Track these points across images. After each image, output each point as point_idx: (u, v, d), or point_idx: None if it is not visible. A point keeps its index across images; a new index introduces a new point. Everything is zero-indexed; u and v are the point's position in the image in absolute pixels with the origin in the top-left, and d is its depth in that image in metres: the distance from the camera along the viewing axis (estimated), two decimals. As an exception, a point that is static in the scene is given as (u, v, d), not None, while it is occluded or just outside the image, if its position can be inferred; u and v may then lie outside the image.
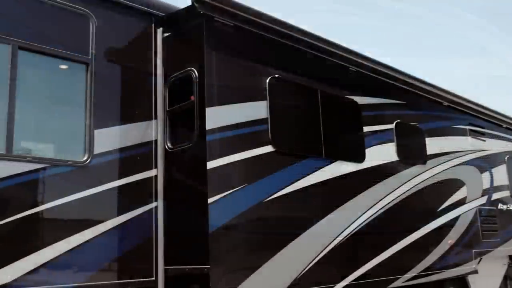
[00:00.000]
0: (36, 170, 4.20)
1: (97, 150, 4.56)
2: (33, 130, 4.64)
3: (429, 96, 7.88)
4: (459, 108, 8.60)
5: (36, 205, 4.17)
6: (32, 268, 4.05)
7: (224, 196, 4.69)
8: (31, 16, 4.43)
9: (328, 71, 6.26)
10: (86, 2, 4.76)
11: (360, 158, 6.32)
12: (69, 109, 4.79)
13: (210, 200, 4.56)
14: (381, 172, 6.59)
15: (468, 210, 8.14)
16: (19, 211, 4.06)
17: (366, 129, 6.51)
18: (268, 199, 5.11)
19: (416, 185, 7.10)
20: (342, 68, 6.42)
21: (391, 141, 6.90)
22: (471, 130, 8.82)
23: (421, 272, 6.90)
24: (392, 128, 6.97)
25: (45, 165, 4.25)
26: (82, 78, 4.69)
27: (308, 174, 5.55)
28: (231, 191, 4.77)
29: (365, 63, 6.64)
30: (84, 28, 4.73)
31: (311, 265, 5.38)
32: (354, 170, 6.19)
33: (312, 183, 5.57)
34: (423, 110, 7.78)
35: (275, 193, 5.19)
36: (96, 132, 4.59)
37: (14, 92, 4.18)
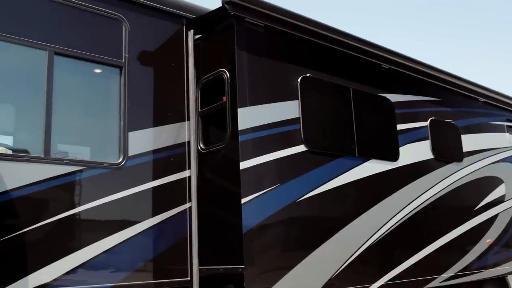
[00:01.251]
0: (73, 173, 4.29)
1: (132, 152, 4.63)
2: (70, 133, 4.75)
3: (464, 93, 7.72)
4: (497, 104, 8.39)
5: (74, 207, 4.26)
6: (71, 268, 4.13)
7: (257, 196, 4.70)
8: (66, 22, 4.53)
9: (360, 69, 6.19)
10: (119, 6, 4.84)
11: (394, 156, 6.24)
12: (103, 112, 4.88)
13: (243, 201, 4.57)
14: (416, 171, 6.48)
15: (507, 209, 7.92)
16: (58, 213, 4.15)
17: (399, 127, 6.42)
18: (301, 199, 5.09)
19: (452, 183, 6.96)
20: (374, 66, 6.35)
21: (426, 138, 6.78)
22: (509, 126, 8.59)
23: (458, 272, 6.76)
24: (427, 126, 6.85)
25: (82, 168, 4.34)
26: (116, 82, 4.77)
27: (341, 174, 5.50)
28: (264, 191, 4.77)
29: (397, 60, 6.55)
30: (117, 32, 4.81)
31: (345, 265, 5.33)
32: (388, 168, 6.11)
33: (345, 182, 5.52)
34: (458, 107, 7.61)
35: (308, 193, 5.16)
36: (130, 134, 4.65)
37: (51, 97, 4.28)
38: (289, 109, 5.20)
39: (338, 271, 5.26)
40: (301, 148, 5.18)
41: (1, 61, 4.42)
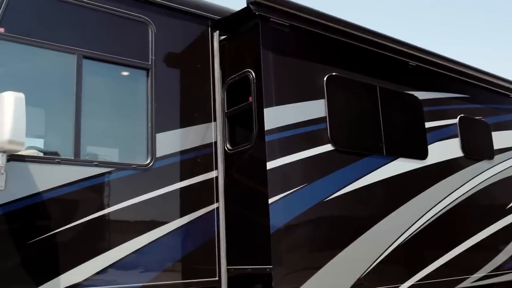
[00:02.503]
0: (102, 174, 4.34)
1: (160, 153, 4.67)
2: (99, 136, 4.81)
3: (495, 89, 7.56)
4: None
5: (103, 208, 4.31)
6: (101, 268, 4.19)
7: (285, 196, 4.69)
8: (93, 26, 4.59)
9: (387, 67, 6.13)
10: (145, 9, 4.89)
11: (423, 154, 6.15)
12: (131, 114, 4.94)
13: (270, 201, 4.57)
14: (446, 169, 6.38)
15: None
16: (88, 214, 4.21)
17: (428, 124, 6.33)
18: (328, 198, 5.06)
19: (483, 181, 6.83)
20: (401, 63, 6.27)
21: (455, 136, 6.68)
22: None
23: (490, 272, 6.63)
24: (456, 123, 6.74)
25: (111, 169, 4.39)
26: (143, 84, 4.82)
27: (369, 173, 5.46)
28: (291, 191, 4.76)
29: (425, 57, 6.46)
30: (143, 35, 4.86)
31: (374, 265, 5.28)
32: (417, 167, 6.03)
33: (373, 181, 5.47)
34: (488, 104, 7.47)
35: (336, 192, 5.13)
36: (158, 135, 4.69)
37: (80, 100, 4.35)
38: (315, 108, 5.18)
39: (367, 271, 5.21)
40: (328, 147, 5.16)
41: (32, 66, 4.51)
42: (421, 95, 6.37)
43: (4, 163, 3.62)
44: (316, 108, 5.19)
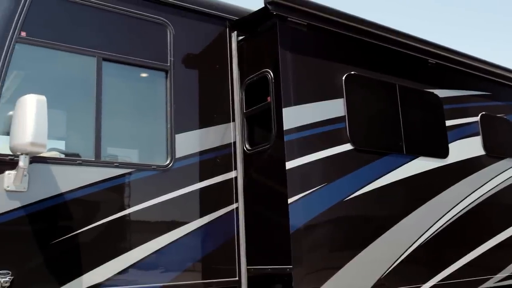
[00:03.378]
0: (123, 175, 4.38)
1: (179, 154, 4.69)
2: (119, 137, 4.86)
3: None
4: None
5: (124, 208, 4.34)
6: (122, 268, 4.22)
7: (304, 196, 4.68)
8: (113, 29, 4.64)
9: (406, 65, 6.08)
10: (164, 11, 4.92)
11: (444, 153, 6.09)
12: (150, 115, 4.97)
13: (290, 200, 4.56)
14: (467, 167, 6.30)
15: None
16: (109, 215, 4.24)
17: (448, 123, 6.26)
18: (348, 198, 5.03)
19: (506, 179, 6.73)
20: (420, 61, 6.21)
21: (477, 134, 6.59)
22: None
23: (515, 272, 6.53)
24: (477, 121, 6.66)
25: (131, 170, 4.43)
26: (162, 85, 4.85)
27: (389, 172, 5.41)
28: (310, 190, 4.74)
29: (445, 54, 6.39)
30: (162, 36, 4.89)
31: (395, 265, 5.24)
32: (438, 166, 5.97)
33: (393, 180, 5.42)
34: (510, 101, 7.35)
35: (355, 192, 5.11)
36: (177, 136, 4.72)
37: (101, 101, 4.39)
38: (334, 108, 5.16)
39: (388, 271, 5.17)
40: (347, 146, 5.13)
41: (53, 69, 4.57)
42: (441, 93, 6.30)
43: (27, 165, 3.67)
44: (334, 107, 5.16)
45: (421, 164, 5.77)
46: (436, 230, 5.72)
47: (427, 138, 6.02)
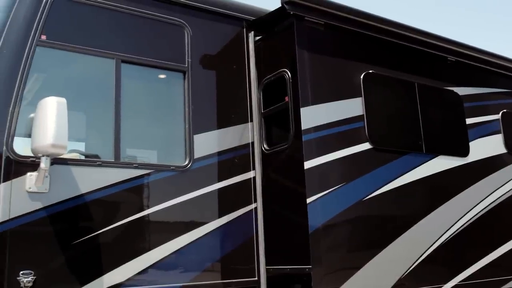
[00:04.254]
0: (142, 176, 4.41)
1: (197, 154, 4.71)
2: (138, 138, 4.89)
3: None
4: None
5: (143, 209, 4.37)
6: (142, 268, 4.25)
7: (323, 196, 4.66)
8: (131, 31, 4.67)
9: (425, 63, 6.02)
10: (181, 12, 4.94)
11: (464, 152, 6.01)
12: (169, 116, 5.00)
13: (308, 200, 4.55)
14: (488, 166, 6.22)
15: None
16: (128, 215, 4.28)
17: (469, 121, 6.18)
18: (367, 197, 5.00)
19: (529, 178, 6.63)
20: (439, 59, 6.15)
21: (498, 132, 6.49)
22: None
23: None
24: (498, 119, 6.56)
25: (150, 171, 4.45)
26: (180, 86, 4.87)
27: (408, 171, 5.37)
28: (329, 190, 4.73)
29: (464, 51, 6.31)
30: (179, 38, 4.91)
31: (415, 265, 5.20)
32: (458, 164, 5.90)
33: (413, 180, 5.38)
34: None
35: (374, 191, 5.07)
36: (195, 137, 4.74)
37: (119, 103, 4.42)
38: (352, 107, 5.14)
39: (408, 271, 5.13)
40: (366, 146, 5.10)
41: (72, 71, 4.63)
42: (461, 90, 6.23)
43: (48, 166, 3.72)
44: (353, 107, 5.14)
45: (441, 163, 5.70)
46: (457, 230, 5.66)
47: (447, 137, 5.95)
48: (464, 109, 6.18)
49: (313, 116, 4.79)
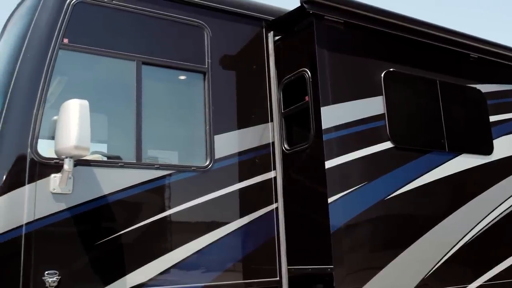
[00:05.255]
0: (163, 177, 4.44)
1: (218, 154, 4.72)
2: (159, 139, 4.93)
3: None
4: None
5: (165, 210, 4.40)
6: (164, 268, 4.28)
7: (344, 195, 4.64)
8: (151, 33, 4.71)
9: (447, 60, 5.94)
10: (200, 14, 4.96)
11: (488, 150, 5.92)
12: (189, 117, 5.03)
13: (330, 200, 4.53)
14: (513, 164, 6.11)
15: None
16: (150, 216, 4.31)
17: (492, 118, 6.09)
18: (389, 197, 4.96)
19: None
20: (461, 56, 6.07)
21: (523, 129, 6.38)
22: None
23: None
24: (523, 116, 6.45)
25: (171, 171, 4.48)
26: (200, 87, 4.89)
27: (431, 170, 5.31)
28: (350, 190, 4.70)
29: (487, 48, 6.22)
30: (199, 39, 4.93)
31: (438, 264, 5.14)
32: (482, 163, 5.81)
33: (436, 178, 5.31)
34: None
35: (396, 190, 5.03)
36: (216, 137, 4.75)
37: (141, 105, 4.46)
38: (373, 106, 5.10)
39: (431, 271, 5.07)
40: (387, 144, 5.06)
41: (94, 74, 4.68)
42: (484, 88, 6.14)
43: (71, 168, 3.77)
44: (373, 105, 5.10)
45: (465, 162, 5.63)
46: (482, 229, 5.57)
47: (470, 135, 5.87)
48: (487, 107, 6.09)
49: (333, 115, 4.77)
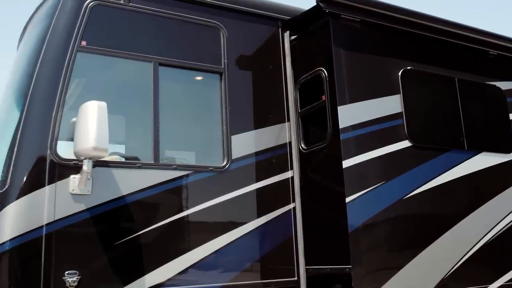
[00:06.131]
0: (181, 177, 4.46)
1: (235, 155, 4.73)
2: (176, 140, 4.96)
3: None
4: None
5: (183, 210, 4.42)
6: (183, 268, 4.30)
7: (362, 195, 4.61)
8: (167, 34, 4.74)
9: (465, 58, 5.87)
10: (216, 14, 4.98)
11: (508, 148, 5.84)
12: (206, 117, 5.05)
13: (347, 200, 4.51)
14: (534, 163, 6.02)
15: None
16: (168, 216, 4.33)
17: (513, 116, 6.01)
18: (407, 196, 4.92)
19: None
20: (480, 53, 5.99)
21: (544, 127, 6.28)
22: None
23: None
24: (544, 113, 6.34)
25: (189, 172, 4.50)
26: (216, 87, 4.90)
27: (450, 169, 5.25)
28: (368, 189, 4.67)
29: (507, 44, 6.13)
30: (215, 39, 4.95)
31: (458, 264, 5.08)
32: (502, 161, 5.74)
33: (455, 177, 5.26)
34: None
35: (415, 190, 4.99)
36: (233, 137, 4.76)
37: (158, 106, 4.48)
38: (391, 104, 5.07)
39: (451, 271, 5.02)
40: (405, 143, 5.02)
41: (112, 76, 4.72)
42: (504, 85, 6.05)
43: (90, 169, 3.80)
44: (391, 104, 5.07)
45: (484, 160, 5.56)
46: (502, 228, 5.50)
47: (490, 133, 5.80)
48: (507, 104, 6.01)
49: (350, 114, 4.74)
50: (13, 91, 4.66)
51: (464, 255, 5.16)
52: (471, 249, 5.23)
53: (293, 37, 5.33)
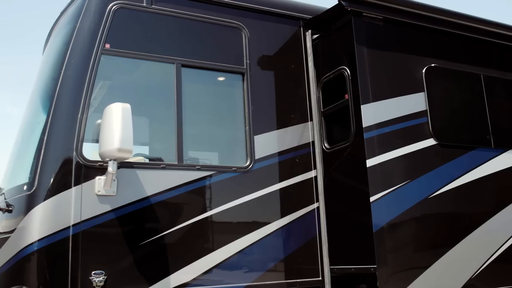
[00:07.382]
0: (205, 177, 4.48)
1: (258, 155, 4.73)
2: (199, 140, 4.98)
3: None
4: None
5: (207, 210, 4.44)
6: (208, 268, 4.32)
7: (386, 194, 4.57)
8: (189, 35, 4.76)
9: (491, 53, 5.77)
10: (238, 15, 4.99)
11: (536, 145, 5.72)
12: (229, 117, 5.06)
13: (372, 199, 4.47)
14: None
15: None
16: (193, 216, 4.36)
17: (541, 113, 5.87)
18: (433, 195, 4.86)
19: None
20: (507, 49, 5.88)
21: None
22: None
23: None
24: None
25: (212, 172, 4.52)
26: (239, 88, 4.91)
27: (476, 167, 5.17)
28: (393, 188, 4.62)
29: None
30: (237, 40, 4.96)
31: (486, 264, 4.99)
32: (530, 159, 5.62)
33: (481, 176, 5.17)
34: None
35: (441, 188, 4.92)
36: (256, 138, 4.76)
37: (181, 107, 4.52)
38: (415, 102, 5.01)
39: (479, 271, 4.93)
40: (430, 142, 4.95)
41: (135, 77, 4.77)
42: (532, 81, 5.93)
43: (115, 170, 3.84)
44: (415, 102, 5.01)
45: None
46: (531, 227, 5.39)
47: (517, 130, 5.68)
48: (535, 101, 5.89)
49: (374, 113, 4.70)
50: (39, 94, 4.75)
51: (492, 255, 5.07)
52: (499, 248, 5.14)
53: (315, 36, 5.31)
